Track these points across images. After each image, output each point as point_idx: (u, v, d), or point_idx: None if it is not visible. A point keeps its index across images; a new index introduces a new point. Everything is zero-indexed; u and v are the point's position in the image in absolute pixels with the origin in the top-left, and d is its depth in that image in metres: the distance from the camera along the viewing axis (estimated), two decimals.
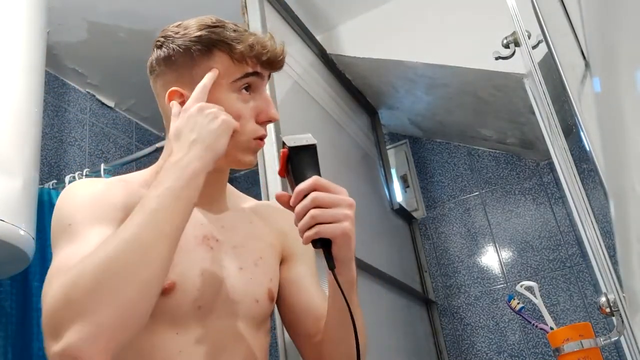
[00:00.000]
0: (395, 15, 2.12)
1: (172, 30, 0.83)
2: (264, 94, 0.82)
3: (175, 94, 0.79)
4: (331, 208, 0.69)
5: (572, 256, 2.10)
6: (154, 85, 0.87)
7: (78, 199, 0.75)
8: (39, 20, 1.49)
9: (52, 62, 2.13)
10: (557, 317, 2.03)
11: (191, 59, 0.79)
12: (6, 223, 1.18)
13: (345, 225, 0.68)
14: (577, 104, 0.91)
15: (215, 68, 0.78)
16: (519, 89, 1.73)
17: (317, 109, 1.86)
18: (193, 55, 0.79)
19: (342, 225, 0.68)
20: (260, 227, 0.90)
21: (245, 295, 0.80)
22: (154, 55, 0.84)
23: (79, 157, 2.18)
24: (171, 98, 0.79)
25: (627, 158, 0.60)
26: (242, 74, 0.79)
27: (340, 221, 0.68)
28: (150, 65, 0.86)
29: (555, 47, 1.01)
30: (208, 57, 0.79)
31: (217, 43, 0.79)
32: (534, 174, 2.28)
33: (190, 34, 0.80)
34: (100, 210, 0.72)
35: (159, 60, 0.83)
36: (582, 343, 1.04)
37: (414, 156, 2.57)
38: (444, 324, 2.25)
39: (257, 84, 0.81)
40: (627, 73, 0.54)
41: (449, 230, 2.38)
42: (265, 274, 0.85)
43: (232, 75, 0.79)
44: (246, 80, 0.79)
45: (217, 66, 0.78)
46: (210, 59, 0.79)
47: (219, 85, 0.78)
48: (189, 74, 0.80)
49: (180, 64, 0.80)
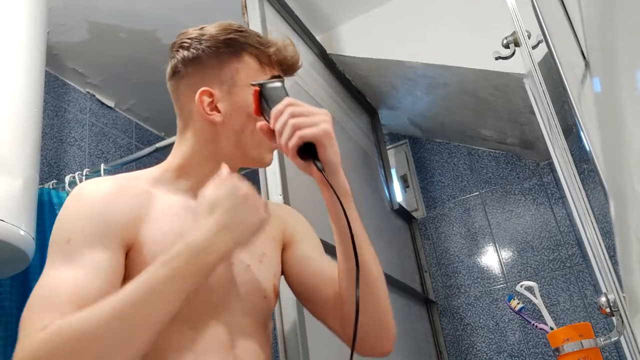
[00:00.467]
0: (395, 15, 2.12)
1: (196, 32, 0.85)
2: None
3: (206, 93, 0.82)
4: (308, 116, 0.72)
5: (572, 256, 2.10)
6: (175, 86, 0.87)
7: (83, 210, 0.74)
8: (39, 20, 1.49)
9: (52, 62, 2.13)
10: (557, 317, 2.03)
11: (220, 60, 0.83)
12: (6, 223, 1.18)
13: (325, 125, 0.72)
14: (577, 104, 0.91)
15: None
16: (519, 89, 1.73)
17: None
18: (222, 57, 0.83)
19: (323, 126, 0.72)
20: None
21: (255, 291, 0.82)
22: (179, 56, 0.85)
23: (79, 157, 2.17)
24: (202, 97, 0.82)
25: (627, 158, 0.60)
26: (269, 76, 0.83)
27: (319, 123, 0.72)
28: (173, 67, 0.87)
29: (555, 47, 1.01)
30: (237, 59, 0.83)
31: (246, 46, 0.83)
32: (534, 174, 2.28)
33: (219, 37, 0.83)
34: (101, 229, 0.72)
35: (186, 61, 0.85)
36: (582, 343, 1.04)
37: (414, 156, 2.57)
38: (444, 324, 2.25)
39: None
40: (627, 73, 0.54)
41: (449, 231, 2.38)
42: (269, 270, 0.87)
43: (260, 77, 0.82)
44: None
45: (244, 68, 0.82)
46: (239, 61, 0.83)
47: (245, 87, 0.82)
48: (217, 75, 0.83)
49: (208, 65, 0.83)
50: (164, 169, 0.87)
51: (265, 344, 0.83)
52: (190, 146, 0.86)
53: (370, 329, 0.80)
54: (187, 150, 0.86)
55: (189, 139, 0.86)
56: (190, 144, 0.86)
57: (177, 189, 0.84)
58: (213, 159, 0.84)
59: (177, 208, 0.81)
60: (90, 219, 0.73)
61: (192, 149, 0.85)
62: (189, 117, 0.86)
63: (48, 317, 0.62)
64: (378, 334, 0.81)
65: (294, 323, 1.18)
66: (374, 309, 0.79)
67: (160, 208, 0.79)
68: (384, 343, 0.82)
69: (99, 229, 0.72)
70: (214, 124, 0.83)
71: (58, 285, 0.66)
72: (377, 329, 0.80)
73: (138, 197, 0.78)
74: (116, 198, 0.76)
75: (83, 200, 0.76)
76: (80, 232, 0.71)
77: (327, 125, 0.72)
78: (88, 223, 0.72)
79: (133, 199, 0.77)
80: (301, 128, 0.71)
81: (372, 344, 0.81)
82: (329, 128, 0.72)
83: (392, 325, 0.83)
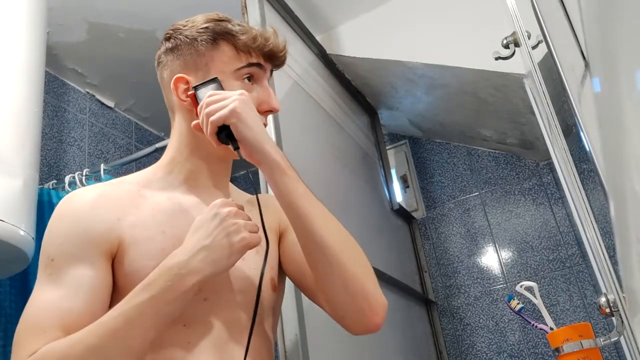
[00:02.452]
0: (395, 15, 2.11)
1: (180, 24, 0.87)
2: (265, 85, 0.85)
3: (181, 80, 0.83)
4: (219, 102, 0.74)
5: (571, 256, 2.10)
6: (160, 77, 0.88)
7: (65, 227, 0.76)
8: (39, 21, 1.49)
9: (52, 62, 2.13)
10: (557, 317, 2.03)
11: (197, 48, 0.83)
12: (6, 223, 1.18)
13: (233, 105, 0.73)
14: (576, 104, 0.91)
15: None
16: (519, 89, 1.73)
17: (317, 109, 1.86)
18: (199, 45, 0.83)
19: (230, 106, 0.73)
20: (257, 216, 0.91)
21: (251, 286, 0.81)
22: (162, 48, 0.87)
23: (78, 157, 2.17)
24: (177, 84, 0.82)
25: (627, 158, 0.60)
26: (245, 64, 0.82)
27: (227, 105, 0.73)
28: (157, 58, 0.88)
29: (555, 47, 1.01)
30: (213, 47, 0.83)
31: (222, 34, 0.83)
32: (534, 174, 2.28)
33: (197, 26, 0.84)
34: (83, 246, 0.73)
35: (167, 50, 0.86)
36: (582, 343, 1.04)
37: (414, 156, 2.57)
38: (443, 324, 2.25)
39: (260, 75, 0.84)
40: (627, 73, 0.54)
41: (448, 231, 2.38)
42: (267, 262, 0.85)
43: (236, 64, 0.82)
44: (248, 70, 0.83)
45: (220, 55, 0.82)
46: (215, 48, 0.83)
47: (222, 73, 0.81)
48: (193, 62, 0.83)
49: (186, 52, 0.84)
50: (156, 167, 0.88)
51: (264, 341, 0.82)
52: (177, 137, 0.87)
53: (347, 307, 0.76)
54: (174, 143, 0.87)
55: (175, 131, 0.87)
56: (177, 135, 0.87)
57: (168, 185, 0.84)
58: (198, 150, 0.85)
59: (164, 204, 0.81)
60: (71, 236, 0.74)
61: (178, 140, 0.86)
62: (172, 107, 0.87)
63: (35, 343, 0.66)
64: (358, 310, 0.75)
65: (295, 324, 1.17)
66: (342, 284, 0.74)
67: (149, 207, 0.80)
68: (369, 318, 0.75)
69: (81, 246, 0.73)
70: (192, 112, 0.83)
71: (44, 307, 0.69)
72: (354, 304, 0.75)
73: (123, 202, 0.79)
74: (96, 210, 0.77)
75: (65, 216, 0.77)
76: (63, 251, 0.73)
77: (234, 104, 0.73)
78: (69, 241, 0.74)
79: (116, 207, 0.78)
80: (212, 114, 0.73)
81: (356, 322, 0.77)
82: (237, 105, 0.73)
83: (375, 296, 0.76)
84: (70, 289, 0.70)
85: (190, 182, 0.85)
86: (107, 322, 0.66)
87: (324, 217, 0.76)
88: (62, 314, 0.68)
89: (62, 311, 0.68)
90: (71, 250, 0.73)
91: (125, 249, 0.75)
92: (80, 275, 0.71)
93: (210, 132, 0.74)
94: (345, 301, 0.75)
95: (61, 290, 0.70)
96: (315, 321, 1.25)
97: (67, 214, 0.77)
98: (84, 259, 0.72)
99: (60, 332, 0.67)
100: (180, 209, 0.81)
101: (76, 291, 0.70)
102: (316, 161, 1.67)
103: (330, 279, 0.75)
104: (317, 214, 0.75)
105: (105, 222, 0.76)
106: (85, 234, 0.74)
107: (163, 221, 0.78)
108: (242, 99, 0.75)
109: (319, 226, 0.74)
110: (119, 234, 0.75)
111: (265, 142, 0.75)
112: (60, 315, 0.68)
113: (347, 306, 0.76)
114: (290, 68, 1.70)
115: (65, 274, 0.71)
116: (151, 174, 0.87)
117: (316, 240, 0.74)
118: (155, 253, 0.74)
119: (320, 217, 0.75)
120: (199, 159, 0.85)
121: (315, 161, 1.66)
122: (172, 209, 0.80)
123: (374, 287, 0.77)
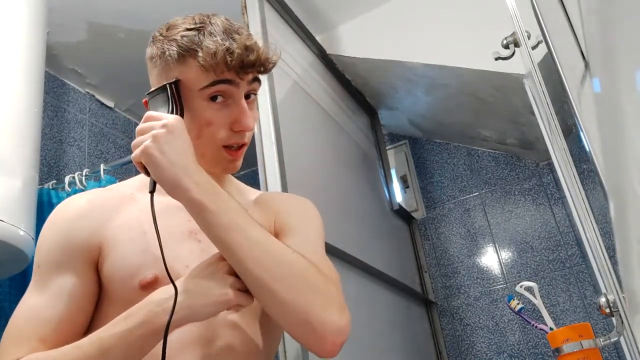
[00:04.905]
0: (395, 16, 2.12)
1: (160, 29, 0.83)
2: (240, 102, 0.79)
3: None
4: (142, 135, 0.71)
5: (571, 256, 2.10)
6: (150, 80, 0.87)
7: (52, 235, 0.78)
8: (38, 21, 1.49)
9: (52, 63, 2.13)
10: (557, 317, 2.03)
11: (166, 63, 0.79)
12: (6, 223, 1.18)
13: (143, 147, 0.69)
14: (576, 105, 0.91)
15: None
16: (519, 90, 1.73)
17: (317, 110, 1.86)
18: (168, 60, 0.79)
19: (142, 147, 0.70)
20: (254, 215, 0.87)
21: None
22: (147, 50, 0.86)
23: (78, 158, 2.17)
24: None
25: (626, 158, 0.60)
26: (209, 82, 0.76)
27: (141, 143, 0.70)
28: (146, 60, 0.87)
29: (555, 48, 1.01)
30: (180, 62, 0.78)
31: (187, 50, 0.77)
32: (534, 175, 2.28)
33: (169, 37, 0.79)
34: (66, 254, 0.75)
35: (147, 57, 0.85)
36: (581, 343, 1.04)
37: (414, 157, 2.57)
38: (443, 324, 2.25)
39: (231, 91, 0.78)
40: (627, 73, 0.54)
41: (448, 231, 2.38)
42: None
43: (201, 82, 0.76)
44: (215, 88, 0.76)
45: (187, 72, 0.77)
46: (183, 64, 0.77)
47: (189, 91, 0.77)
48: (165, 75, 0.79)
49: (159, 65, 0.81)
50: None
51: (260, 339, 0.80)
52: None
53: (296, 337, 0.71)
54: None
55: None
56: None
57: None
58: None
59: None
60: (56, 244, 0.76)
61: None
62: None
63: (17, 352, 0.69)
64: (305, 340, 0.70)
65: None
66: (282, 316, 0.69)
67: (135, 209, 0.80)
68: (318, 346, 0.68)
69: (65, 254, 0.75)
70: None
71: (27, 316, 0.72)
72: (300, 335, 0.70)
73: (110, 206, 0.80)
74: (82, 217, 0.78)
75: (53, 223, 0.79)
76: (48, 258, 0.76)
77: (147, 142, 0.69)
78: (55, 249, 0.76)
79: (102, 212, 0.79)
80: (134, 149, 0.71)
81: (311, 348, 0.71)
82: (149, 145, 0.69)
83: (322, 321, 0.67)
84: (52, 297, 0.73)
85: None
86: (84, 347, 0.67)
87: (252, 247, 0.69)
88: (41, 324, 0.71)
89: (41, 321, 0.71)
90: (55, 257, 0.75)
91: (107, 252, 0.75)
92: (63, 283, 0.73)
93: (136, 163, 0.71)
94: (291, 332, 0.71)
95: (44, 298, 0.73)
96: None
97: (55, 222, 0.79)
98: (67, 267, 0.74)
99: (39, 342, 0.70)
100: (167, 210, 0.78)
101: (56, 299, 0.73)
102: (316, 161, 1.67)
103: (271, 311, 0.70)
104: (243, 245, 0.69)
105: (88, 228, 0.77)
106: (68, 241, 0.76)
107: (146, 221, 0.77)
108: (159, 134, 0.70)
109: (245, 257, 0.68)
110: (100, 239, 0.76)
111: (181, 180, 0.68)
112: (39, 324, 0.71)
113: (295, 336, 0.72)
114: (290, 68, 1.70)
115: (49, 281, 0.74)
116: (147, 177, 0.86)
117: (245, 273, 0.69)
118: (134, 254, 0.74)
119: (247, 247, 0.69)
120: None
121: (315, 161, 1.66)
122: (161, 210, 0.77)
123: (322, 310, 0.68)
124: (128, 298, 0.71)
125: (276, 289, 0.68)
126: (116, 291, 0.75)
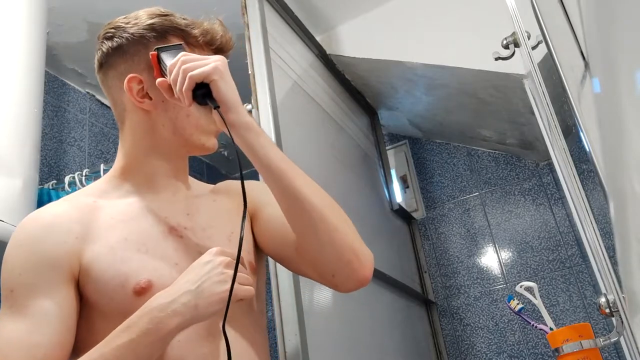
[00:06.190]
0: (395, 16, 2.12)
1: (121, 21, 0.84)
2: None
3: (134, 80, 0.79)
4: (199, 61, 0.72)
5: (571, 257, 2.10)
6: (104, 79, 0.85)
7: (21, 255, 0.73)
8: (38, 21, 1.49)
9: (52, 63, 2.13)
10: (557, 317, 2.03)
11: (145, 46, 0.80)
12: (6, 223, 1.18)
13: (214, 64, 0.71)
14: (576, 105, 0.91)
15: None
16: (519, 90, 1.73)
17: (317, 110, 1.86)
18: (147, 42, 0.80)
19: (212, 64, 0.71)
20: (225, 202, 0.89)
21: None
22: (104, 48, 0.84)
23: (78, 157, 2.17)
24: (130, 84, 0.79)
25: (626, 158, 0.60)
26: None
27: (209, 63, 0.71)
28: (99, 59, 0.84)
29: (555, 48, 1.01)
30: (162, 43, 0.80)
31: (171, 29, 0.80)
32: (534, 175, 2.28)
33: (142, 23, 0.81)
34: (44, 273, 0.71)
35: (110, 51, 0.83)
36: (581, 344, 1.04)
37: (414, 157, 2.57)
38: (443, 324, 2.25)
39: None
40: (627, 73, 0.54)
41: (448, 231, 2.38)
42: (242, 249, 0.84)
43: None
44: None
45: None
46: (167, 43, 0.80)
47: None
48: (144, 61, 0.80)
49: (134, 52, 0.81)
50: (110, 175, 0.85)
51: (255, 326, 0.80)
52: (131, 141, 0.83)
53: (336, 262, 0.75)
54: (128, 147, 0.84)
55: (128, 134, 0.84)
56: (129, 139, 0.83)
57: (125, 192, 0.82)
58: (155, 151, 0.82)
59: (124, 211, 0.78)
60: (29, 265, 0.72)
61: (132, 144, 0.83)
62: (122, 110, 0.84)
63: None
64: (348, 263, 0.74)
65: (295, 325, 1.17)
66: (329, 238, 0.73)
67: (107, 218, 0.77)
68: (359, 271, 0.74)
69: (41, 275, 0.71)
70: (148, 112, 0.80)
71: (12, 343, 0.67)
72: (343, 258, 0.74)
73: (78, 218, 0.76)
74: (52, 233, 0.74)
75: (21, 243, 0.74)
76: (22, 281, 0.71)
77: (217, 63, 0.71)
78: (28, 271, 0.71)
79: (71, 225, 0.75)
80: (191, 70, 0.71)
81: (347, 277, 0.75)
82: (220, 65, 0.72)
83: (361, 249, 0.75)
84: (36, 322, 0.68)
85: (149, 184, 0.82)
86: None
87: (303, 175, 0.76)
88: (31, 349, 0.67)
89: (30, 346, 0.67)
90: (31, 280, 0.71)
91: (89, 267, 0.73)
92: (44, 305, 0.69)
93: (187, 87, 0.70)
94: (334, 256, 0.74)
95: (26, 324, 0.68)
96: (315, 321, 1.26)
97: (23, 242, 0.74)
98: (45, 289, 0.70)
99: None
100: (141, 213, 0.78)
101: (42, 324, 0.68)
102: (316, 161, 1.67)
103: (316, 235, 0.74)
104: (296, 173, 0.75)
105: (63, 244, 0.73)
106: (43, 261, 0.72)
107: (124, 229, 0.76)
108: (220, 63, 0.73)
109: (300, 184, 0.74)
110: (78, 254, 0.73)
111: (240, 105, 0.73)
112: (29, 350, 0.67)
113: (335, 261, 0.74)
114: (290, 68, 1.70)
115: (28, 306, 0.69)
116: (104, 183, 0.84)
117: (299, 197, 0.73)
118: (119, 263, 0.73)
119: (300, 175, 0.75)
120: (158, 160, 0.82)
121: (315, 161, 1.66)
122: (133, 214, 0.78)
123: (359, 241, 0.76)
124: (123, 308, 0.70)
125: (328, 215, 0.74)
126: (109, 304, 0.72)
